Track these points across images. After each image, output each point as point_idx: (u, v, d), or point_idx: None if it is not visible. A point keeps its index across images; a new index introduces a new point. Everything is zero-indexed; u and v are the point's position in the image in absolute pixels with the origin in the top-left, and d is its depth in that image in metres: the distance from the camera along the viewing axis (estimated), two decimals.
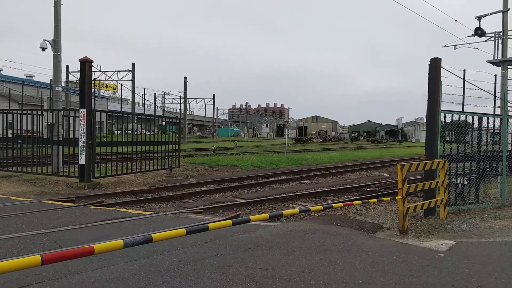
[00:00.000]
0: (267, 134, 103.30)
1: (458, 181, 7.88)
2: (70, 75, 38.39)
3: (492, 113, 9.88)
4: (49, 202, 7.83)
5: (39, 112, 12.92)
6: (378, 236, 5.83)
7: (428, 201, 6.80)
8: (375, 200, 6.89)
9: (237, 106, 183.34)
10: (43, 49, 14.01)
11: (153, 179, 12.47)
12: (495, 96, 11.43)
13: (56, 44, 13.50)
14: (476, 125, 8.19)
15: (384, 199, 6.82)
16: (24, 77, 50.25)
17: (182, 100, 49.81)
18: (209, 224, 3.87)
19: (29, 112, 12.58)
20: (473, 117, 8.12)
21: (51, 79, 14.91)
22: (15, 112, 13.20)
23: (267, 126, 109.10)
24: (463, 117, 8.02)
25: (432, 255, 4.81)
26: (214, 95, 66.11)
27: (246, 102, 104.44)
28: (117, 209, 7.44)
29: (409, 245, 5.29)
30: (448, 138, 7.90)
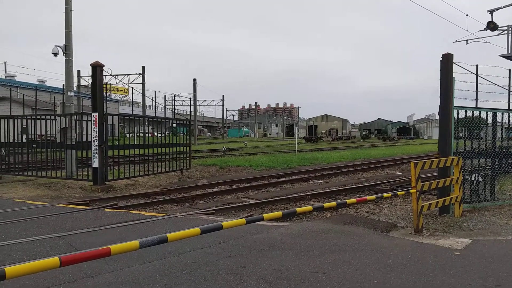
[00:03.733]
0: (276, 134, 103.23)
1: (473, 178, 7.75)
2: (81, 79, 38.98)
3: (507, 108, 9.70)
4: (64, 205, 7.95)
5: (52, 117, 13.16)
6: (393, 235, 5.77)
7: (443, 199, 6.70)
8: (389, 194, 6.82)
9: (246, 106, 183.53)
10: (55, 54, 14.21)
11: (165, 181, 12.56)
12: (509, 91, 11.20)
13: (67, 49, 13.69)
14: (490, 120, 8.04)
15: (398, 193, 6.74)
16: (37, 83, 51.15)
17: (192, 102, 50.14)
18: (223, 223, 3.88)
19: (42, 117, 12.81)
20: (487, 112, 7.96)
21: (63, 84, 15.18)
22: (29, 117, 13.47)
23: (276, 126, 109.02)
24: (476, 113, 7.88)
25: (448, 254, 4.75)
26: (223, 96, 66.16)
27: (256, 103, 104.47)
28: (131, 211, 7.52)
29: (424, 244, 5.23)
30: (461, 135, 7.78)
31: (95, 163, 10.71)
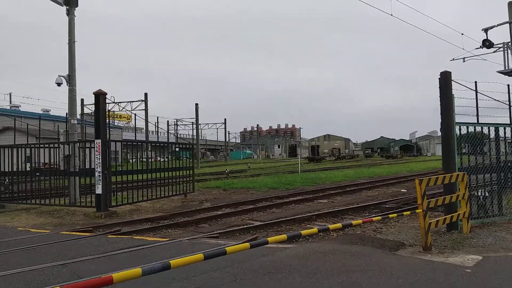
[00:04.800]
0: (279, 155, 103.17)
1: (479, 193, 7.66)
2: (85, 107, 39.43)
3: (509, 122, 9.68)
4: (67, 233, 7.88)
5: (56, 145, 13.24)
6: (401, 254, 5.65)
7: (450, 215, 6.60)
8: (395, 215, 6.72)
9: (248, 129, 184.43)
10: (59, 84, 14.38)
11: (169, 205, 12.48)
12: (510, 106, 11.22)
13: (71, 79, 13.88)
14: (492, 135, 8.04)
15: (404, 213, 6.64)
16: (41, 112, 51.75)
17: (194, 126, 50.44)
18: (227, 248, 3.82)
19: (46, 145, 12.90)
20: (489, 128, 7.97)
21: (66, 113, 15.34)
22: (33, 146, 13.56)
23: (279, 147, 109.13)
24: (478, 129, 7.88)
25: (459, 272, 4.63)
26: (225, 119, 66.59)
27: (257, 125, 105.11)
28: (134, 237, 7.43)
29: (434, 262, 5.11)
30: (464, 150, 7.75)
31: (99, 190, 10.69)
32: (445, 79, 7.19)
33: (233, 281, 4.41)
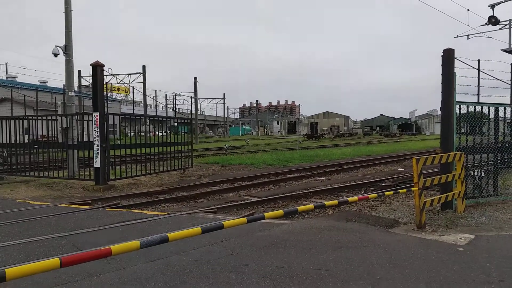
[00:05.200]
0: (278, 131, 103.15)
1: (475, 173, 7.72)
2: (82, 79, 39.00)
3: (509, 102, 9.64)
4: (66, 205, 7.96)
5: (54, 117, 13.16)
6: (395, 232, 5.75)
7: (445, 194, 6.68)
8: (391, 192, 6.79)
9: (248, 104, 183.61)
10: (55, 55, 14.19)
11: (167, 180, 12.57)
12: (511, 86, 11.14)
13: (67, 49, 13.68)
14: (492, 115, 8.02)
15: (400, 191, 6.72)
16: (38, 83, 51.13)
17: (193, 100, 50.09)
18: (224, 223, 3.87)
19: (44, 117, 12.82)
20: (489, 107, 7.93)
21: (64, 84, 15.17)
22: (31, 118, 13.47)
23: (278, 123, 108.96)
24: (478, 108, 7.85)
25: (451, 250, 4.73)
26: (224, 94, 66.34)
27: (257, 101, 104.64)
28: (133, 210, 7.52)
29: (427, 240, 5.21)
30: (463, 130, 7.75)
31: (97, 163, 10.72)
32: (448, 57, 7.09)
33: (230, 255, 4.50)
